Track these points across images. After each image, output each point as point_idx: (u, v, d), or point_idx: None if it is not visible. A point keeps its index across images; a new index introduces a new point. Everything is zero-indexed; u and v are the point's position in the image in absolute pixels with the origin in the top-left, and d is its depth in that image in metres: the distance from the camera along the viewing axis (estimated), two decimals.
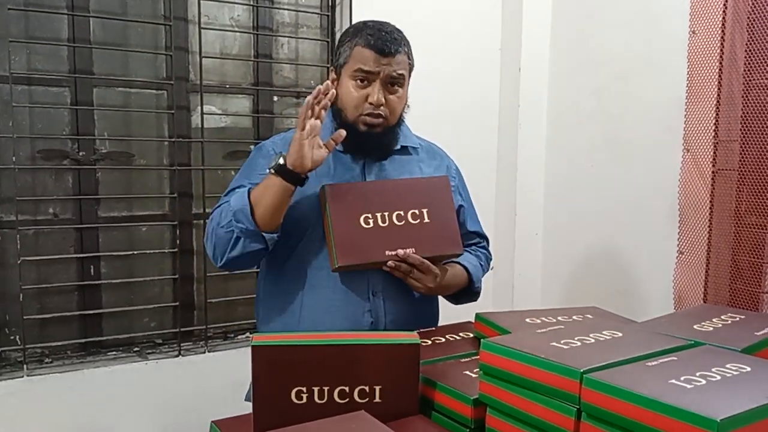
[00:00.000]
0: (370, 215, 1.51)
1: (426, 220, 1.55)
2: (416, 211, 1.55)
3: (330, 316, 1.57)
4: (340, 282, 1.57)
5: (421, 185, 1.59)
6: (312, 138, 1.44)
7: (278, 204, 1.47)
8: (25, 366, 2.17)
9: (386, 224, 1.52)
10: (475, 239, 1.81)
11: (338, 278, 1.56)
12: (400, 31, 1.63)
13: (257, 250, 1.51)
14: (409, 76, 1.66)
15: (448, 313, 1.77)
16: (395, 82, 1.59)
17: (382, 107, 1.57)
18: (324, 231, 1.54)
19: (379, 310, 1.59)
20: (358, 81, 1.57)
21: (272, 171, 1.45)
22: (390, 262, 1.50)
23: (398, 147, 1.67)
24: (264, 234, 1.49)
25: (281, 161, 1.45)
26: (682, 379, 0.94)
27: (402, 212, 1.54)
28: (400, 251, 1.50)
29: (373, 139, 1.60)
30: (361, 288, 1.58)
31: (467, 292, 1.70)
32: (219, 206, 1.58)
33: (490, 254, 1.86)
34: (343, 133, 1.48)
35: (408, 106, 1.68)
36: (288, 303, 1.61)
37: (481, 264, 1.76)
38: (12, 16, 2.15)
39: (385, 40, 1.57)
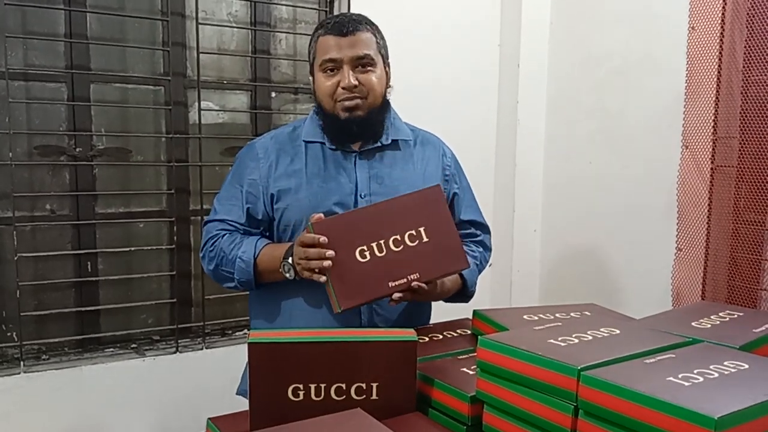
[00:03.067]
0: (365, 247, 1.40)
1: (425, 239, 1.44)
2: (413, 232, 1.44)
3: (321, 314, 1.55)
4: None
5: (412, 202, 1.47)
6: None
7: (279, 280, 1.54)
8: (21, 363, 2.16)
9: (384, 253, 1.41)
10: (470, 229, 1.75)
11: None
12: (365, 17, 1.61)
13: None
14: (384, 57, 1.62)
15: (444, 310, 1.75)
16: (364, 63, 1.55)
17: (356, 89, 1.54)
18: None
19: (371, 309, 1.58)
20: (328, 71, 1.56)
21: (284, 274, 1.50)
22: (395, 295, 1.42)
23: (389, 141, 1.63)
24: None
25: (292, 272, 1.48)
26: (679, 376, 0.94)
27: (398, 236, 1.43)
28: (411, 277, 1.42)
29: (358, 124, 1.56)
30: None
31: (460, 294, 1.67)
32: (212, 226, 1.62)
33: (489, 246, 1.80)
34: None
35: (391, 86, 1.64)
36: (280, 300, 1.60)
37: (476, 264, 1.70)
38: (9, 11, 2.14)
39: (343, 23, 1.56)
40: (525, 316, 1.48)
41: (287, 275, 1.48)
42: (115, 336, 2.39)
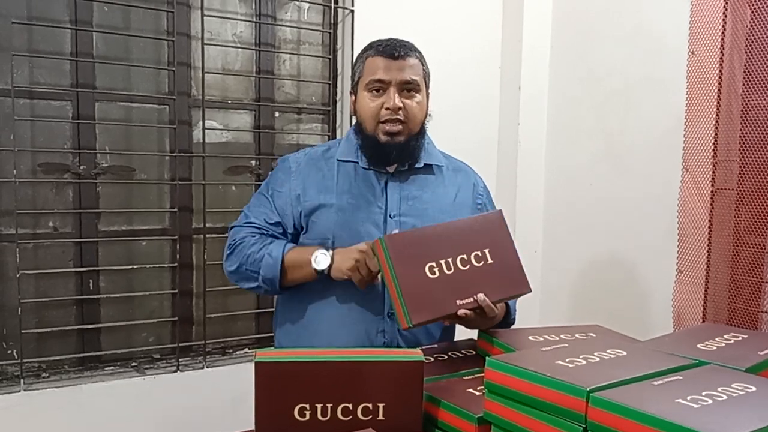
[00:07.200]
0: (434, 263, 1.42)
1: (489, 260, 1.47)
2: (478, 253, 1.46)
3: (344, 332, 1.56)
4: (355, 300, 1.55)
5: (477, 224, 1.51)
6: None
7: (306, 280, 1.54)
8: (22, 380, 2.15)
9: (452, 271, 1.43)
10: None
11: (354, 295, 1.55)
12: (413, 44, 1.66)
13: None
14: (427, 85, 1.66)
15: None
16: (410, 88, 1.59)
17: (400, 111, 1.56)
18: (384, 282, 1.46)
19: (394, 331, 1.58)
20: (374, 91, 1.58)
21: (314, 269, 1.50)
22: (461, 312, 1.41)
23: (421, 165, 1.66)
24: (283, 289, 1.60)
25: (326, 265, 1.49)
26: (688, 398, 0.94)
27: (465, 256, 1.45)
28: (480, 296, 1.42)
29: (396, 150, 1.59)
30: (376, 308, 1.57)
31: (503, 321, 1.67)
32: (239, 229, 1.64)
33: None
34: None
35: (430, 116, 1.67)
36: (304, 316, 1.61)
37: None
38: (15, 30, 2.15)
39: (394, 46, 1.60)
40: (530, 337, 1.48)
41: (316, 264, 1.49)
42: (115, 354, 2.37)
